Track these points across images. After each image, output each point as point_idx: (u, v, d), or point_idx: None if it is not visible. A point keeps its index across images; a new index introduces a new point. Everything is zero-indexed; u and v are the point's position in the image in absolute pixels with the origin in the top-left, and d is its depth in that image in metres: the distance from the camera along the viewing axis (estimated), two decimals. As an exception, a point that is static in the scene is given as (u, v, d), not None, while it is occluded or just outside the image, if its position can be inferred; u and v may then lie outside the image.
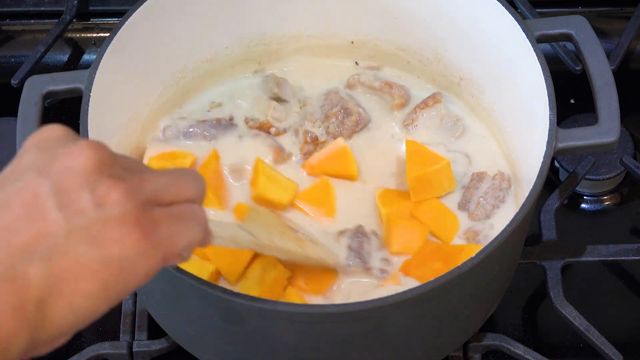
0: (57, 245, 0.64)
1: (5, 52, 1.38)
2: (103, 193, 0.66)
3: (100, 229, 0.65)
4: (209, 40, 1.17)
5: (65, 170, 0.66)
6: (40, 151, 0.68)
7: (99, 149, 0.68)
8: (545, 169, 0.95)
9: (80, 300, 0.65)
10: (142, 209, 0.67)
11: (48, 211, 0.65)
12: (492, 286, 1.03)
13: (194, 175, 0.73)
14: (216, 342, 1.00)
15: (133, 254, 0.66)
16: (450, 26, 1.13)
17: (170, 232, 0.69)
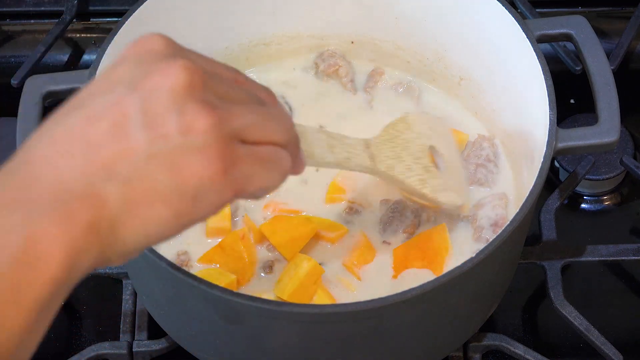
0: (136, 169, 0.64)
1: (5, 52, 1.38)
2: (190, 119, 0.65)
3: (181, 157, 0.65)
4: (209, 40, 1.17)
5: (156, 89, 0.65)
6: (135, 64, 0.67)
7: (194, 70, 0.66)
8: (545, 169, 0.95)
9: (152, 225, 0.65)
10: (226, 144, 0.66)
11: (133, 131, 0.64)
12: (492, 286, 1.03)
13: (286, 119, 0.72)
14: (216, 342, 1.00)
15: (209, 187, 0.66)
16: (451, 26, 1.13)
17: (248, 173, 0.68)
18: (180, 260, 1.05)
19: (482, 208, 1.07)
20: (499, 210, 1.07)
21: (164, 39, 0.70)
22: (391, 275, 1.04)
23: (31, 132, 0.96)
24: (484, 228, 1.06)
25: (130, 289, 1.14)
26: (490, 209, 1.07)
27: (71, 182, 0.63)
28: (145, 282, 1.03)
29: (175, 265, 0.90)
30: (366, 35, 1.19)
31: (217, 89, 0.68)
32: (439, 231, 1.06)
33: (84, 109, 0.66)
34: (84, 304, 1.17)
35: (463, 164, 1.09)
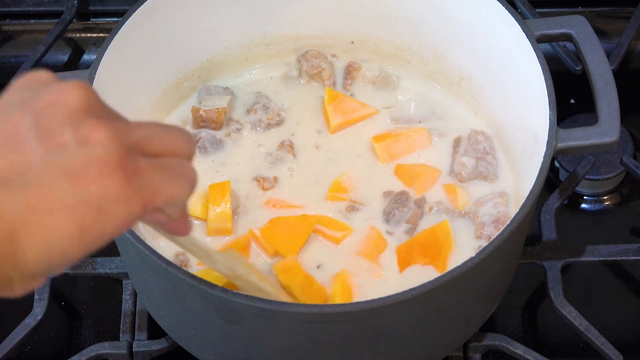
0: (33, 176, 0.62)
1: (5, 52, 1.38)
2: (87, 131, 0.64)
3: (80, 165, 0.63)
4: (209, 40, 1.17)
5: (50, 106, 0.64)
6: (24, 89, 0.67)
7: (87, 89, 0.66)
8: (545, 169, 0.95)
9: (55, 236, 0.63)
10: (127, 154, 0.65)
11: (27, 142, 0.63)
12: (492, 286, 1.03)
13: (183, 131, 0.71)
14: (216, 342, 1.00)
15: (112, 196, 0.64)
16: (451, 26, 1.13)
17: (153, 182, 0.66)
18: (179, 260, 1.05)
19: (484, 205, 1.07)
20: (501, 208, 1.07)
21: (49, 72, 0.69)
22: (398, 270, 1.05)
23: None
24: (486, 225, 1.06)
25: (130, 289, 1.14)
26: (492, 206, 1.07)
27: None
28: (145, 282, 1.03)
29: (175, 265, 0.90)
30: (366, 35, 1.19)
31: (110, 110, 0.67)
32: (442, 228, 1.06)
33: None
34: (84, 304, 1.17)
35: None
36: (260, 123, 1.15)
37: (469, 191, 1.10)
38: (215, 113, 1.13)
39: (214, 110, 1.14)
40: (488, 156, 1.11)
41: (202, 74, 1.18)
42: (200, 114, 1.14)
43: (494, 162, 1.11)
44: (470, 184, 1.10)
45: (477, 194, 1.09)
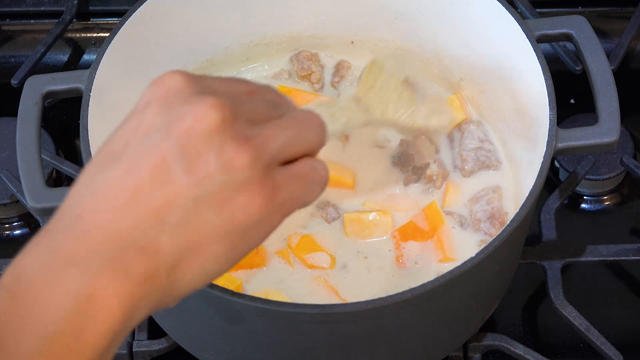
0: (186, 213, 0.65)
1: (5, 52, 1.38)
2: (228, 157, 0.66)
3: (226, 195, 0.66)
4: (209, 40, 1.17)
5: (190, 132, 0.66)
6: (162, 108, 0.68)
7: (222, 107, 0.67)
8: (545, 169, 0.95)
9: (208, 263, 0.67)
10: (266, 174, 0.68)
11: (176, 176, 0.65)
12: (492, 286, 1.03)
13: (317, 122, 0.73)
14: (216, 342, 1.00)
15: (257, 219, 0.67)
16: (450, 26, 1.13)
17: (291, 194, 0.70)
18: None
19: (477, 202, 1.08)
20: (495, 203, 1.07)
21: (182, 75, 0.70)
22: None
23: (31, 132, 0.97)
24: (482, 221, 1.06)
25: (130, 289, 1.14)
26: (486, 202, 1.07)
27: (123, 234, 0.64)
28: (145, 282, 1.02)
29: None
30: (366, 35, 1.19)
31: (244, 115, 0.69)
32: (431, 207, 1.07)
33: (122, 161, 0.67)
34: (84, 304, 1.17)
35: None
36: None
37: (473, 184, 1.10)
38: None
39: None
40: (485, 143, 1.12)
41: (202, 73, 1.18)
42: None
43: (491, 148, 1.12)
44: (477, 175, 1.10)
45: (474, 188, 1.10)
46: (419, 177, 1.10)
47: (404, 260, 1.05)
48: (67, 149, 1.28)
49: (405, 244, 1.06)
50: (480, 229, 1.06)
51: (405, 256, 1.05)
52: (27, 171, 0.96)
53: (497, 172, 1.11)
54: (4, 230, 1.24)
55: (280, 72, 1.20)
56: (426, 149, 1.12)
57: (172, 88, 0.69)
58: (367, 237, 1.07)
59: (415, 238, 1.06)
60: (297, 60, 1.20)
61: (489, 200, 1.08)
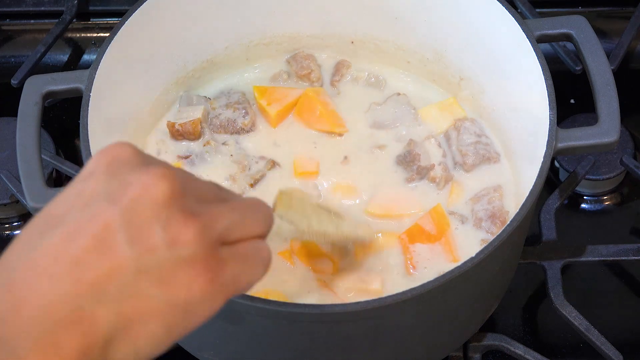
0: (126, 286, 0.62)
1: (5, 52, 1.38)
2: (175, 231, 0.63)
3: (169, 270, 0.63)
4: (209, 40, 1.17)
5: (137, 201, 0.63)
6: (108, 175, 0.65)
7: (171, 178, 0.65)
8: (545, 169, 0.95)
9: (144, 342, 0.64)
10: (212, 251, 0.65)
11: (119, 246, 0.62)
12: (492, 286, 1.03)
13: (263, 208, 0.72)
14: (216, 342, 1.00)
15: (199, 298, 0.65)
16: (451, 26, 1.13)
17: (235, 274, 0.68)
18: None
19: (479, 202, 1.08)
20: (496, 202, 1.07)
21: (129, 147, 0.68)
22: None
23: (31, 132, 0.97)
24: (483, 220, 1.06)
25: (130, 289, 1.14)
26: (487, 202, 1.08)
27: (57, 306, 0.61)
28: (145, 282, 1.03)
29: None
30: (366, 35, 1.19)
31: (196, 192, 0.67)
32: (436, 210, 1.07)
33: (62, 227, 0.63)
34: (84, 304, 1.17)
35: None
36: (235, 125, 1.15)
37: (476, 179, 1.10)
38: (191, 125, 1.13)
39: (189, 123, 1.13)
40: (482, 137, 1.12)
41: (202, 74, 1.18)
42: (176, 129, 1.13)
43: (489, 142, 1.12)
44: (478, 169, 1.10)
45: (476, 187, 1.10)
46: (422, 177, 1.10)
47: (414, 263, 1.05)
48: (67, 149, 1.28)
49: (414, 247, 1.06)
50: (481, 227, 1.06)
51: (415, 259, 1.05)
52: (27, 171, 0.96)
53: (497, 166, 1.11)
54: (4, 230, 1.24)
55: (279, 72, 1.20)
56: (433, 151, 1.12)
57: (119, 157, 0.67)
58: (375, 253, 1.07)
59: (422, 240, 1.06)
60: (294, 60, 1.20)
61: (490, 200, 1.08)
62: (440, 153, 1.12)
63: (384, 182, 1.11)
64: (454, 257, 1.05)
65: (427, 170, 1.10)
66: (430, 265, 1.05)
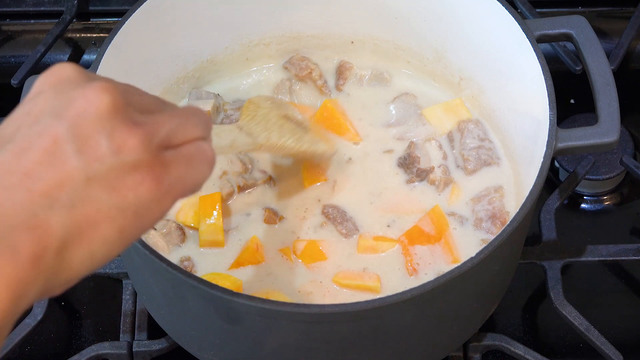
0: (77, 193, 0.65)
1: (5, 52, 1.38)
2: (120, 140, 0.67)
3: (117, 175, 0.66)
4: (209, 40, 1.17)
5: (82, 115, 0.67)
6: (55, 93, 0.69)
7: (113, 91, 0.68)
8: (545, 169, 0.95)
9: (98, 245, 0.66)
10: (156, 155, 0.68)
11: (68, 157, 0.65)
12: (492, 286, 1.03)
13: (201, 114, 0.75)
14: (216, 342, 1.00)
15: (147, 200, 0.68)
16: (450, 26, 1.13)
17: (180, 175, 0.70)
18: (183, 266, 1.05)
19: (479, 202, 1.08)
20: (496, 203, 1.08)
21: (73, 66, 0.71)
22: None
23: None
24: (483, 220, 1.07)
25: (130, 289, 1.14)
26: (487, 202, 1.08)
27: (13, 214, 0.64)
28: (145, 282, 1.03)
29: (175, 265, 0.90)
30: (366, 35, 1.19)
31: (137, 103, 0.70)
32: (435, 211, 1.07)
33: (13, 143, 0.66)
34: (84, 304, 1.17)
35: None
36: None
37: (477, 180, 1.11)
38: None
39: None
40: (485, 142, 1.12)
41: (202, 74, 1.18)
42: None
43: (491, 146, 1.13)
44: (480, 173, 1.11)
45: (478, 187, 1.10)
46: (422, 179, 1.10)
47: (414, 265, 1.05)
48: (67, 149, 1.28)
49: (414, 249, 1.06)
50: (482, 228, 1.07)
51: (415, 261, 1.05)
52: (27, 171, 0.96)
53: (498, 169, 1.11)
54: (4, 230, 1.24)
55: (281, 82, 1.19)
56: (434, 153, 1.12)
57: (63, 76, 0.70)
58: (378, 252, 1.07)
59: (421, 242, 1.06)
60: (291, 65, 1.20)
61: (491, 200, 1.08)
62: (440, 155, 1.12)
63: (386, 184, 1.11)
64: (454, 258, 1.05)
65: (427, 172, 1.10)
66: (431, 267, 1.05)
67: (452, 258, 1.05)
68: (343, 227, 1.07)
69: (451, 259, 1.05)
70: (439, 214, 1.07)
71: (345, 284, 1.04)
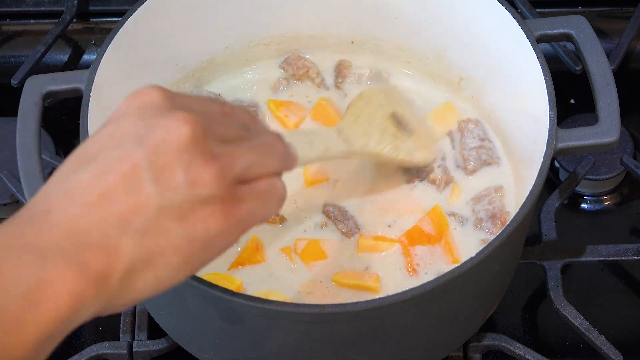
0: (149, 221, 0.68)
1: (5, 52, 1.38)
2: (195, 173, 0.69)
3: (189, 208, 0.69)
4: (209, 40, 1.17)
5: (162, 144, 0.69)
6: (138, 118, 0.70)
7: (194, 123, 0.70)
8: (545, 169, 0.95)
9: (164, 272, 0.69)
10: (229, 191, 0.71)
11: (144, 185, 0.68)
12: (492, 286, 1.03)
13: (280, 146, 0.77)
14: (216, 342, 1.00)
15: (215, 233, 0.70)
16: (451, 26, 1.13)
17: (250, 211, 0.73)
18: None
19: (480, 202, 1.08)
20: (496, 203, 1.08)
21: (160, 91, 0.73)
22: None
23: (31, 132, 0.97)
24: (483, 220, 1.07)
25: (130, 289, 1.14)
26: (488, 202, 1.08)
27: (86, 232, 0.66)
28: (145, 282, 1.03)
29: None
30: (366, 35, 1.19)
31: (215, 133, 0.72)
32: (435, 211, 1.07)
33: (94, 164, 0.69)
34: (84, 304, 1.17)
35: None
36: None
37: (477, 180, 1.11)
38: None
39: None
40: (485, 142, 1.13)
41: (203, 74, 1.18)
42: None
43: (491, 146, 1.13)
44: (480, 173, 1.11)
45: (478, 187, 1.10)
46: (422, 179, 1.11)
47: (414, 265, 1.05)
48: (67, 149, 1.28)
49: (414, 250, 1.06)
50: (482, 228, 1.07)
51: (416, 261, 1.05)
52: (27, 171, 0.96)
53: (498, 169, 1.11)
54: (4, 230, 1.24)
55: (277, 81, 1.19)
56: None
57: (149, 101, 0.72)
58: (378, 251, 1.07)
59: (422, 242, 1.06)
60: (288, 65, 1.20)
61: (491, 200, 1.08)
62: (440, 155, 1.12)
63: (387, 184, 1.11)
64: (454, 258, 1.05)
65: (427, 172, 1.10)
66: (431, 267, 1.05)
67: (452, 258, 1.05)
68: (344, 226, 1.07)
69: (451, 259, 1.05)
70: (439, 214, 1.07)
71: (344, 283, 1.04)
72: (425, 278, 1.03)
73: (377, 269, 1.05)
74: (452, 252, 1.05)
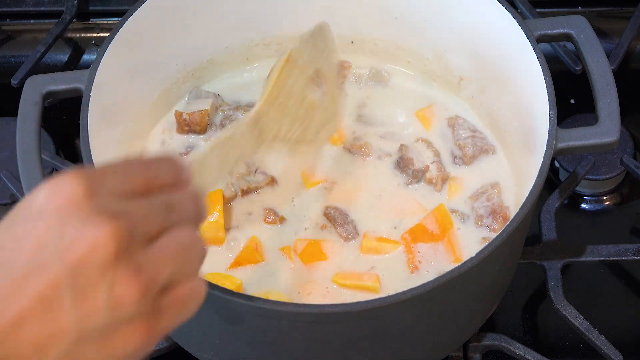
0: (68, 346, 0.64)
1: (5, 52, 1.38)
2: (119, 293, 0.65)
3: (111, 330, 0.65)
4: (209, 40, 1.17)
5: (85, 262, 0.64)
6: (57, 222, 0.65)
7: (118, 233, 0.65)
8: (545, 169, 0.95)
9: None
10: (151, 307, 0.67)
11: (63, 309, 0.64)
12: (492, 286, 1.03)
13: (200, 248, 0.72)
14: (216, 342, 1.00)
15: (136, 349, 0.67)
16: (450, 26, 1.13)
17: (172, 320, 0.70)
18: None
19: (478, 200, 1.08)
20: (495, 199, 1.08)
21: (81, 182, 0.66)
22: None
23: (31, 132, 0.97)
24: (484, 217, 1.07)
25: (130, 289, 1.14)
26: (486, 199, 1.08)
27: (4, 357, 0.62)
28: (145, 282, 1.03)
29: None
30: (366, 35, 1.19)
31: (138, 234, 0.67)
32: (440, 210, 1.08)
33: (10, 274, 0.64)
34: (84, 304, 1.17)
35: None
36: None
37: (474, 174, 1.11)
38: (199, 116, 1.13)
39: (197, 113, 1.13)
40: (477, 132, 1.14)
41: (203, 74, 1.18)
42: (183, 118, 1.13)
43: (484, 136, 1.14)
44: (477, 161, 1.11)
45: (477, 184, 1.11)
46: (419, 180, 1.11)
47: (416, 262, 1.05)
48: (67, 149, 1.28)
49: (417, 247, 1.06)
50: (483, 225, 1.07)
51: (417, 259, 1.05)
52: (27, 171, 0.96)
53: (495, 162, 1.12)
54: (4, 230, 1.24)
55: None
56: (425, 152, 1.12)
57: (70, 199, 0.65)
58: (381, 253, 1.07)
59: (424, 240, 1.06)
60: None
61: (489, 197, 1.08)
62: (432, 153, 1.12)
63: (387, 187, 1.11)
64: (456, 257, 1.05)
65: (423, 172, 1.10)
66: (433, 266, 1.05)
67: (454, 257, 1.05)
68: (343, 230, 1.07)
69: (453, 258, 1.05)
70: (444, 212, 1.07)
71: (344, 284, 1.04)
72: (426, 276, 1.03)
73: (379, 270, 1.05)
74: (454, 250, 1.05)
